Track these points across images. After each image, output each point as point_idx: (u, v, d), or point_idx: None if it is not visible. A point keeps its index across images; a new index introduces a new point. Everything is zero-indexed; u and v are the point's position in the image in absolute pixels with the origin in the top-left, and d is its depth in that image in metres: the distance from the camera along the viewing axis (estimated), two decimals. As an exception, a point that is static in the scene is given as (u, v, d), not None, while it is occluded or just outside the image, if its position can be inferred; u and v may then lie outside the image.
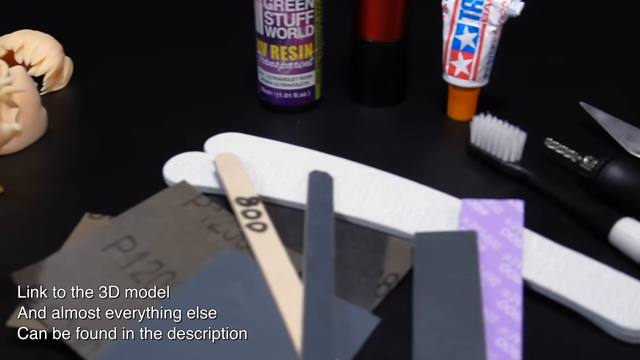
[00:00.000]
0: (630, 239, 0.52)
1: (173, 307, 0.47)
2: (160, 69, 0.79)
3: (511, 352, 0.45)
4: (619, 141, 0.65)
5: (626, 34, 0.88)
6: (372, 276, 0.51)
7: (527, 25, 0.87)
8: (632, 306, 0.47)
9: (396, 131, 0.70)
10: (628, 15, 0.93)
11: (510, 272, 0.50)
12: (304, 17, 0.66)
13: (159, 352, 0.44)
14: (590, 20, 0.92)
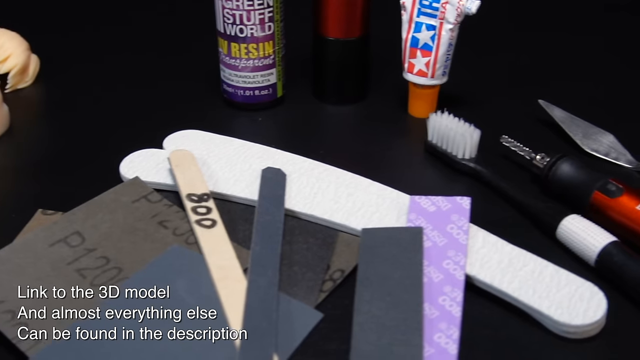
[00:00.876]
0: (575, 236, 0.52)
1: (116, 302, 0.47)
2: (124, 67, 0.79)
3: (448, 347, 0.45)
4: (575, 139, 0.65)
5: (591, 32, 0.88)
6: (318, 272, 0.51)
7: (491, 23, 0.87)
8: (571, 302, 0.47)
9: (357, 128, 0.70)
10: (592, 14, 0.92)
11: (453, 268, 0.50)
12: (263, 15, 0.66)
13: (99, 348, 0.44)
14: (555, 19, 0.92)
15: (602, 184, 0.55)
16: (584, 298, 0.47)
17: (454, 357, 0.44)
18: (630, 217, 0.53)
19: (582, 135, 0.65)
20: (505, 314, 0.49)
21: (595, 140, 0.65)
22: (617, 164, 0.63)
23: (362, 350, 0.45)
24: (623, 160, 0.63)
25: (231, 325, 0.46)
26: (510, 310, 0.49)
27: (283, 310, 0.48)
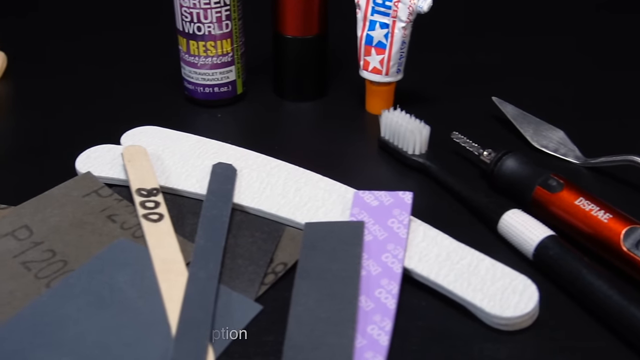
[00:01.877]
0: (514, 230, 0.53)
1: (58, 294, 0.47)
2: (87, 63, 0.79)
3: (380, 339, 0.45)
4: (525, 135, 0.65)
5: (546, 31, 0.88)
6: (260, 265, 0.51)
7: (453, 21, 0.88)
8: (504, 295, 0.47)
9: (315, 125, 0.70)
10: (547, 11, 0.92)
11: (391, 261, 0.50)
12: (220, 13, 0.66)
13: (38, 339, 0.45)
14: (511, 16, 0.91)
15: (543, 179, 0.55)
16: (516, 291, 0.48)
17: (384, 348, 0.45)
18: (569, 212, 0.53)
19: (533, 131, 0.66)
20: (441, 307, 0.49)
21: (546, 136, 0.65)
22: (565, 160, 0.63)
23: (296, 341, 0.45)
24: (571, 156, 0.63)
25: (169, 316, 0.46)
26: (447, 303, 0.49)
27: (223, 302, 0.48)
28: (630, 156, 0.59)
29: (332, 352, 0.44)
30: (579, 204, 0.53)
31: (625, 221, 0.51)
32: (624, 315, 0.46)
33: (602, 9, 0.93)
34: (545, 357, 0.46)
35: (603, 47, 0.84)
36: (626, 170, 0.60)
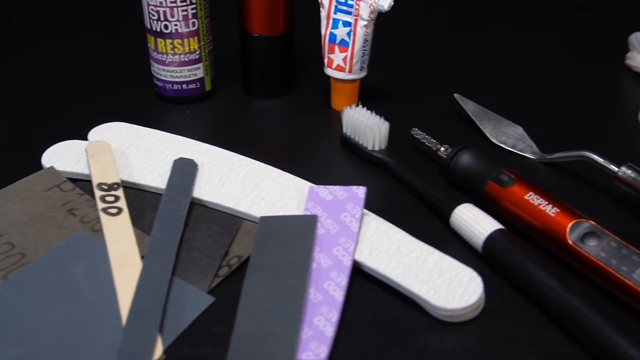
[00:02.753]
0: (465, 224, 0.53)
1: (15, 286, 0.47)
2: (59, 59, 0.80)
3: (325, 330, 0.45)
4: (485, 131, 0.65)
5: (515, 26, 0.88)
6: (215, 258, 0.51)
7: (422, 19, 0.88)
8: (450, 287, 0.48)
9: (281, 121, 0.70)
10: (511, 9, 0.93)
11: (342, 254, 0.50)
12: (187, 11, 0.66)
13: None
14: (476, 15, 0.92)
15: (495, 174, 0.56)
16: (462, 283, 0.48)
17: (329, 339, 0.45)
18: (520, 206, 0.54)
19: (492, 127, 0.66)
20: (390, 299, 0.49)
21: (505, 132, 0.65)
22: (523, 156, 0.64)
23: (243, 332, 0.45)
24: (528, 151, 0.64)
25: (121, 308, 0.46)
26: (396, 295, 0.49)
27: (175, 293, 0.48)
28: (583, 152, 0.59)
29: (278, 343, 0.44)
30: (528, 199, 0.53)
31: (571, 215, 0.51)
32: (565, 306, 0.46)
33: (567, 7, 0.93)
34: (487, 347, 0.46)
35: (566, 44, 0.84)
36: (580, 165, 0.60)
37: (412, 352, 0.46)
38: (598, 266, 0.49)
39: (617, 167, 0.56)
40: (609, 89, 0.74)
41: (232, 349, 0.44)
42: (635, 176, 0.55)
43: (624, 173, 0.56)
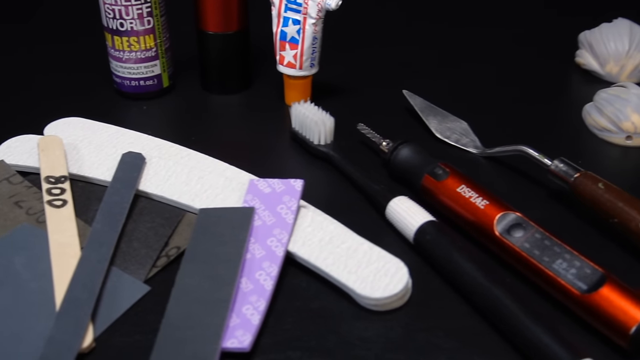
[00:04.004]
0: (398, 216, 0.53)
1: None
2: (21, 56, 0.80)
3: (252, 318, 0.46)
4: (430, 126, 0.66)
5: (468, 23, 0.87)
6: (154, 249, 0.52)
7: (379, 16, 0.88)
8: (376, 277, 0.48)
9: (236, 117, 0.70)
10: (462, 7, 0.92)
11: (275, 245, 0.50)
12: (141, 10, 0.66)
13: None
14: (432, 12, 0.91)
15: (431, 168, 0.56)
16: (388, 273, 0.48)
17: (254, 326, 0.45)
18: (452, 198, 0.54)
19: (438, 122, 0.66)
20: (321, 288, 0.50)
21: (450, 127, 0.66)
22: (465, 150, 0.64)
23: (172, 320, 0.45)
24: (471, 146, 0.64)
25: (57, 297, 0.47)
26: (327, 285, 0.50)
27: (112, 283, 0.49)
28: (520, 146, 0.59)
29: (204, 331, 0.45)
30: (460, 191, 0.53)
31: (500, 207, 0.51)
32: (486, 296, 0.46)
33: (521, 4, 0.93)
34: (409, 335, 0.46)
35: (518, 42, 0.84)
36: (519, 160, 0.60)
37: (336, 339, 0.46)
38: (522, 257, 0.49)
39: (550, 161, 0.56)
40: (557, 86, 0.74)
41: (160, 336, 0.44)
42: (567, 169, 0.55)
43: (556, 166, 0.56)
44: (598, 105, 0.66)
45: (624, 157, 0.63)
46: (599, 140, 0.65)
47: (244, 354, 0.44)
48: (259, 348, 0.45)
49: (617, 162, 0.63)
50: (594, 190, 0.53)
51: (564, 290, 0.46)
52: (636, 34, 0.73)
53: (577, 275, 0.46)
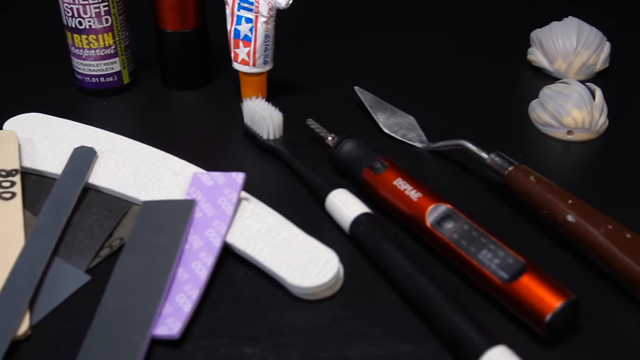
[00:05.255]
0: (335, 208, 0.53)
1: None
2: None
3: (185, 306, 0.46)
4: (378, 122, 0.66)
5: (415, 26, 0.88)
6: (98, 239, 0.52)
7: (335, 14, 0.88)
8: (308, 266, 0.48)
9: (194, 113, 0.70)
10: (421, 3, 0.93)
11: (213, 236, 0.51)
12: (99, 8, 0.66)
13: None
14: (386, 10, 0.92)
15: (370, 162, 0.56)
16: (320, 263, 0.48)
17: (185, 314, 0.45)
18: (389, 191, 0.54)
19: (386, 118, 0.66)
20: (257, 278, 0.50)
21: (397, 123, 0.66)
22: (411, 145, 0.64)
23: (107, 308, 0.46)
24: (417, 141, 0.64)
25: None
26: (263, 275, 0.50)
27: (53, 272, 0.49)
28: (460, 140, 0.59)
29: (136, 318, 0.45)
30: (396, 184, 0.54)
31: (432, 200, 0.52)
32: (412, 285, 0.47)
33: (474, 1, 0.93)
34: (337, 323, 0.46)
35: (473, 39, 0.84)
36: (461, 154, 0.60)
37: (265, 326, 0.46)
38: (450, 247, 0.49)
39: (487, 155, 0.56)
40: (509, 83, 0.74)
41: (94, 323, 0.45)
42: (502, 163, 0.55)
43: (492, 160, 0.56)
44: (542, 101, 0.66)
45: (565, 152, 0.64)
46: (543, 135, 0.66)
47: (174, 341, 0.45)
48: (190, 335, 0.45)
49: (559, 156, 0.63)
50: (526, 183, 0.53)
51: (488, 280, 0.47)
52: (584, 32, 0.73)
53: (500, 265, 0.46)
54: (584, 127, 0.63)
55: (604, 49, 0.74)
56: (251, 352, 0.44)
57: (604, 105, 0.65)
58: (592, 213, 0.50)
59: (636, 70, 0.76)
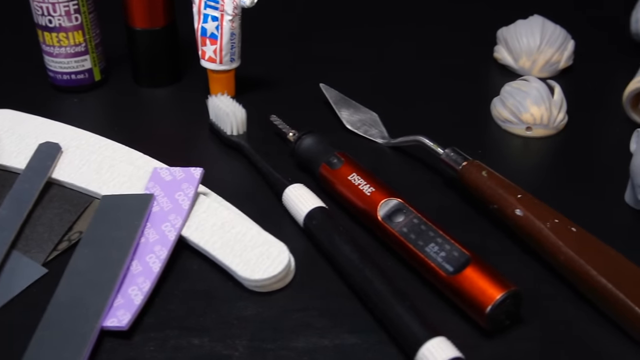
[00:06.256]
0: (290, 201, 0.53)
1: None
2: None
3: (136, 298, 0.46)
4: (341, 118, 0.66)
5: (386, 21, 0.87)
6: (57, 233, 0.52)
7: (300, 15, 0.88)
8: (259, 259, 0.48)
9: (163, 109, 0.71)
10: (383, 5, 0.92)
11: (169, 230, 0.51)
12: (68, 7, 0.66)
13: None
14: (354, 9, 0.91)
15: (328, 157, 0.56)
16: (271, 256, 0.48)
17: (136, 306, 0.46)
18: (345, 186, 0.54)
19: (349, 114, 0.66)
20: (211, 270, 0.50)
21: (360, 119, 0.66)
22: (373, 140, 0.64)
23: (60, 300, 0.46)
24: (378, 136, 0.64)
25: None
26: (218, 268, 0.50)
27: (10, 265, 0.49)
28: (417, 136, 0.59)
29: (87, 310, 0.45)
30: (350, 179, 0.54)
31: (384, 194, 0.52)
32: (359, 277, 0.47)
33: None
34: (285, 314, 0.46)
35: (440, 36, 0.83)
36: (421, 149, 0.60)
37: (215, 318, 0.46)
38: (399, 240, 0.49)
39: (442, 150, 0.57)
40: (475, 80, 0.74)
41: (46, 315, 0.45)
42: (456, 158, 0.55)
43: (447, 155, 0.56)
44: (502, 98, 0.66)
45: (524, 147, 0.64)
46: (503, 131, 0.66)
47: (124, 332, 0.45)
48: (140, 327, 0.45)
49: (518, 152, 0.63)
50: (478, 178, 0.53)
51: (434, 272, 0.47)
52: (548, 30, 0.73)
53: (445, 258, 0.46)
54: (542, 123, 0.63)
55: (568, 46, 0.73)
56: (199, 343, 0.44)
57: (563, 102, 0.65)
58: (539, 207, 0.50)
59: (600, 67, 0.76)
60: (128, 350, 0.44)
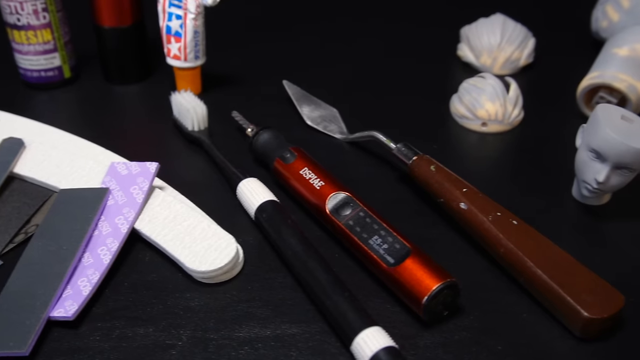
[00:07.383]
0: (243, 195, 0.54)
1: None
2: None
3: (84, 290, 0.46)
4: (302, 114, 0.66)
5: (355, 17, 0.87)
6: (14, 226, 0.52)
7: (269, 13, 0.88)
8: (207, 251, 0.48)
9: (131, 106, 0.71)
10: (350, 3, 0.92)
11: (122, 223, 0.51)
12: (36, 5, 0.66)
13: None
14: (323, 6, 0.91)
15: (281, 152, 0.56)
16: (219, 248, 0.48)
17: (83, 297, 0.46)
18: (297, 180, 0.54)
19: (310, 110, 0.66)
20: (161, 262, 0.50)
21: (321, 115, 0.66)
22: (331, 136, 0.64)
23: (10, 291, 0.46)
24: (337, 132, 0.64)
25: None
26: (167, 260, 0.50)
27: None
28: (371, 132, 0.59)
29: (36, 300, 0.45)
30: (302, 173, 0.54)
31: (333, 188, 0.52)
32: (302, 269, 0.47)
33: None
34: (230, 305, 0.47)
35: (405, 34, 0.83)
36: (374, 144, 0.60)
37: (162, 308, 0.46)
38: (345, 233, 0.49)
39: (395, 145, 0.56)
40: (437, 78, 0.74)
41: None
42: (407, 153, 0.55)
43: (398, 150, 0.56)
44: (459, 94, 0.66)
45: (480, 143, 0.64)
46: (460, 127, 0.66)
47: (72, 322, 0.45)
48: (88, 317, 0.46)
49: (474, 147, 0.63)
50: (427, 172, 0.53)
51: (376, 264, 0.47)
52: (508, 28, 0.72)
53: (387, 250, 0.47)
54: (497, 119, 0.63)
55: (528, 44, 0.73)
56: (144, 333, 0.45)
57: (518, 99, 0.65)
58: (483, 201, 0.50)
59: (560, 64, 0.76)
60: (74, 340, 0.44)
